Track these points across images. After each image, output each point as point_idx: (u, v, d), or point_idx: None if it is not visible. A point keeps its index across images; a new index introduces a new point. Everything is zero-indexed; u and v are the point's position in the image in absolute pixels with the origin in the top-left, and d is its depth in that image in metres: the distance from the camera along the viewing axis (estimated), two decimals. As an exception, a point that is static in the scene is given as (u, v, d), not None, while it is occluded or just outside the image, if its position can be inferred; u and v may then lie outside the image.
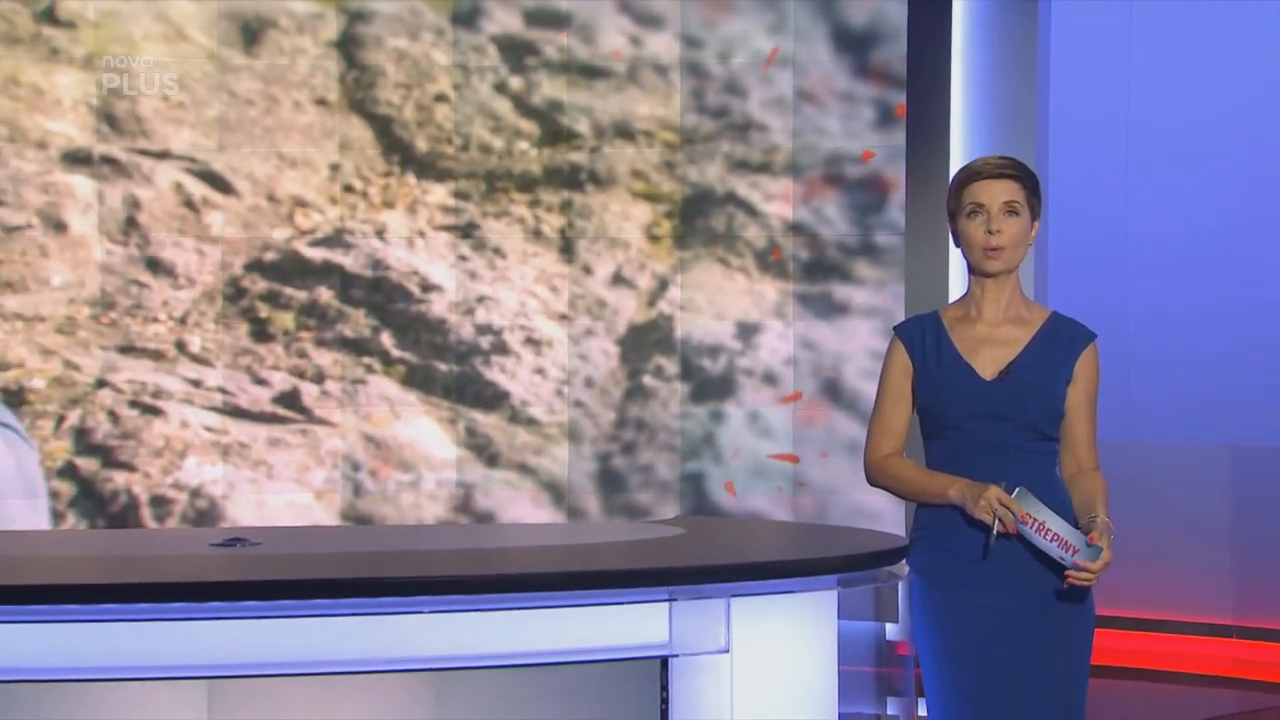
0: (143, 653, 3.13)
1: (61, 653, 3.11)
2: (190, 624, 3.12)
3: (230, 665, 3.16)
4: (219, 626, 3.12)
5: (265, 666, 3.17)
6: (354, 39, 6.29)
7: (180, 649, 3.14)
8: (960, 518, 3.43)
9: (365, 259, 6.28)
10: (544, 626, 3.19)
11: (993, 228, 3.45)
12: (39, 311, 6.13)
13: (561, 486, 6.30)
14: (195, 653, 3.14)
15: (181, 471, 6.16)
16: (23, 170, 6.10)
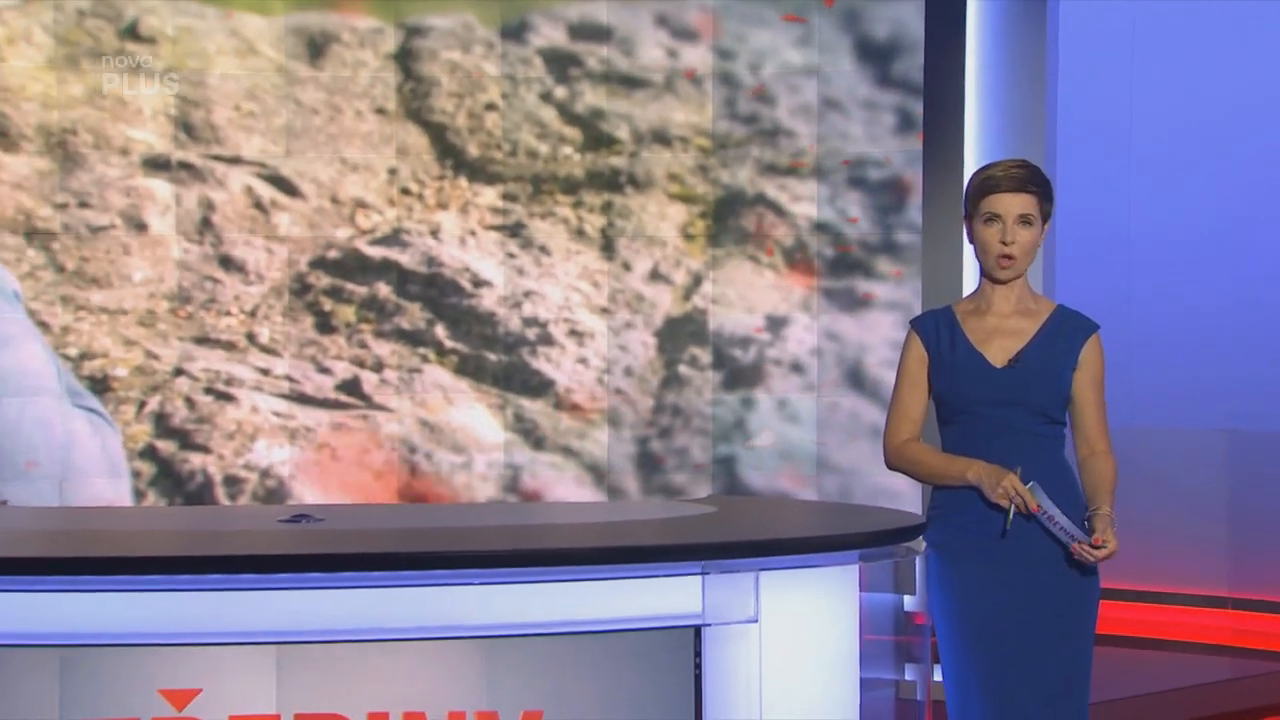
0: (217, 619, 3.15)
1: (144, 619, 3.13)
2: (260, 593, 3.14)
3: (297, 631, 3.17)
4: (286, 596, 3.15)
5: (329, 633, 3.18)
6: (411, 52, 6.31)
7: (251, 616, 3.16)
8: (975, 497, 3.44)
9: (421, 256, 6.29)
10: (585, 597, 3.20)
11: (1007, 238, 3.46)
12: (122, 305, 6.16)
13: (602, 468, 6.31)
14: (265, 620, 3.16)
15: (252, 453, 6.19)
16: (107, 175, 6.14)
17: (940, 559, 3.50)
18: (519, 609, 3.19)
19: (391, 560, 3.14)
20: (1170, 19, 6.76)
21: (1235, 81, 6.69)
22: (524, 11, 6.33)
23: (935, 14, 6.22)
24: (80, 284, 6.14)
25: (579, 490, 6.29)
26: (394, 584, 3.16)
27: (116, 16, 6.17)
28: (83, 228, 6.14)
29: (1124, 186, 6.61)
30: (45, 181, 6.12)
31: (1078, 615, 3.49)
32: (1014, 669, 3.43)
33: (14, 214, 6.09)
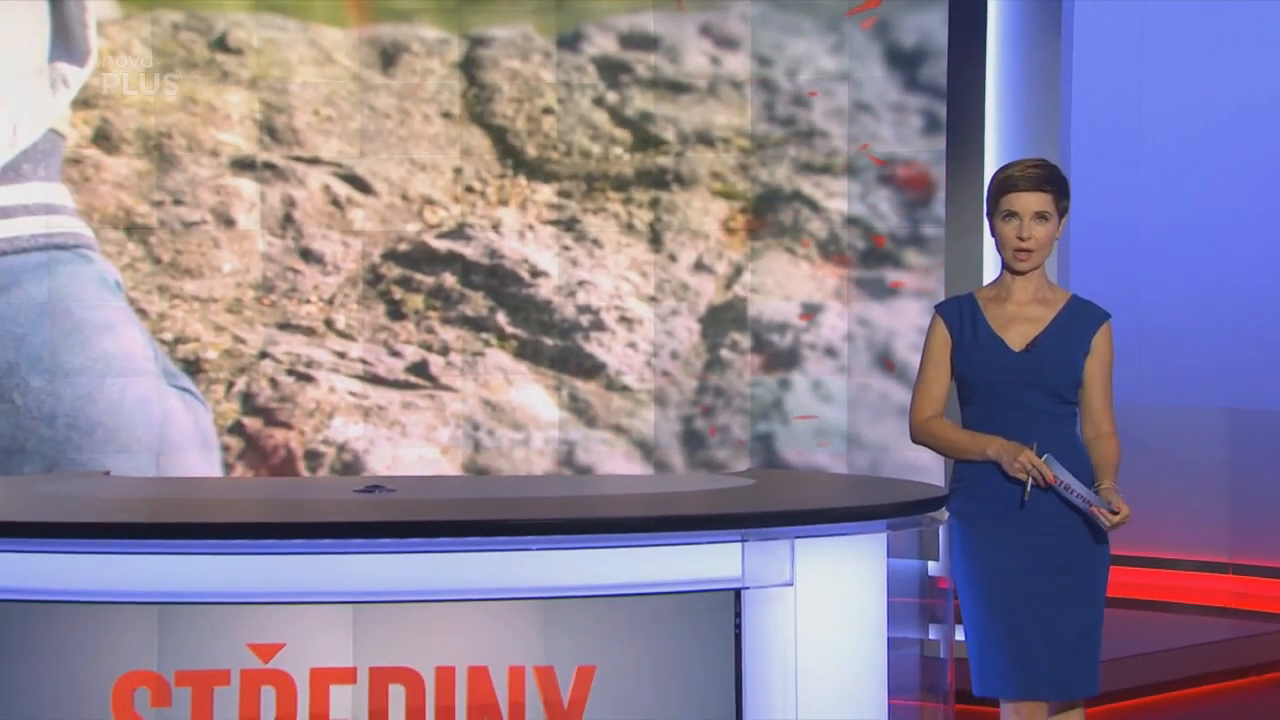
0: (299, 581, 3.18)
1: (233, 579, 3.16)
2: (338, 557, 3.16)
3: (371, 592, 3.19)
4: (362, 560, 3.17)
5: (400, 594, 3.20)
6: (474, 61, 6.33)
7: (330, 578, 3.18)
8: (995, 470, 3.44)
9: (483, 249, 6.31)
10: (634, 562, 3.20)
11: (1024, 234, 3.46)
12: (212, 294, 6.21)
13: (650, 444, 6.32)
14: (342, 581, 3.18)
15: (330, 430, 6.23)
16: (199, 175, 6.18)
17: (962, 527, 3.51)
18: (574, 572, 3.19)
19: (457, 527, 3.15)
20: (1176, 26, 6.74)
21: (1235, 87, 6.67)
22: (578, 22, 6.34)
23: (958, 23, 6.20)
24: (175, 275, 6.19)
25: (628, 464, 6.30)
26: (459, 549, 3.17)
27: (207, 30, 6.21)
28: (177, 223, 6.18)
29: (1132, 183, 6.59)
30: (143, 181, 6.17)
31: (1090, 579, 3.49)
32: (1031, 629, 3.43)
33: (115, 211, 6.14)
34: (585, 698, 3.17)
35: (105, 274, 6.11)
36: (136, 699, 3.13)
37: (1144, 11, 6.75)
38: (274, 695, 3.16)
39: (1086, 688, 3.50)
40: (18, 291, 5.95)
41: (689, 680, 3.18)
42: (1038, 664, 3.43)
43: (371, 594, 3.19)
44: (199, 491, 4.20)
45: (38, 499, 3.64)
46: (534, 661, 3.18)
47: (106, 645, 3.14)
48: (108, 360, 6.09)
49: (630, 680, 3.18)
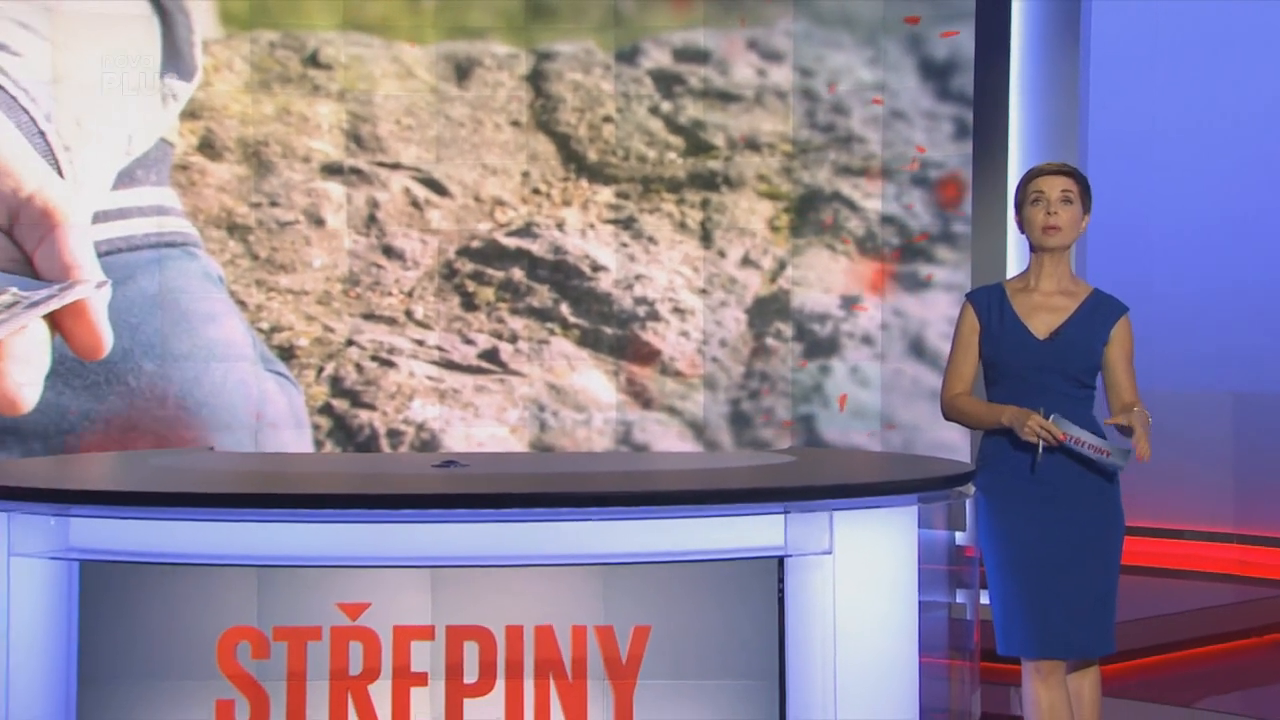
0: (382, 546, 3.20)
1: (324, 545, 3.19)
2: (417, 525, 3.18)
3: (447, 557, 3.21)
4: (439, 528, 3.19)
5: (474, 559, 3.22)
6: (541, 73, 6.34)
7: (410, 544, 3.20)
8: (1018, 444, 3.44)
9: (548, 246, 6.33)
10: (686, 532, 3.21)
11: (1051, 210, 3.46)
12: (304, 287, 6.26)
13: (700, 424, 6.33)
14: (421, 547, 3.20)
15: (410, 410, 6.27)
16: (292, 179, 6.23)
17: (987, 501, 3.51)
18: (631, 540, 3.20)
19: (525, 499, 3.16)
20: (1186, 38, 6.72)
21: (1238, 95, 6.65)
22: (636, 38, 6.34)
23: (983, 38, 6.18)
24: (271, 270, 6.24)
25: (680, 443, 6.31)
26: (527, 519, 3.18)
27: (300, 47, 6.25)
28: (273, 223, 6.24)
29: (1145, 185, 6.57)
30: (243, 185, 6.22)
31: (1106, 547, 3.48)
32: (1051, 593, 3.43)
33: (218, 212, 6.20)
34: (641, 654, 3.18)
35: (209, 269, 6.17)
36: (239, 651, 3.17)
37: (1156, 26, 6.71)
38: (361, 650, 3.19)
39: (1103, 647, 3.50)
40: (132, 285, 6.01)
41: (736, 639, 3.19)
42: (1057, 625, 3.43)
43: (448, 559, 3.21)
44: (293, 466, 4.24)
45: (151, 472, 3.69)
46: (595, 621, 3.19)
47: (212, 603, 3.18)
48: (211, 347, 6.14)
49: (682, 639, 3.19)
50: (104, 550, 3.19)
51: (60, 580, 3.19)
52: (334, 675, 3.18)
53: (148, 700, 3.18)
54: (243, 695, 3.16)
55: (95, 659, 3.19)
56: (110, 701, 3.18)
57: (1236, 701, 4.74)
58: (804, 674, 3.19)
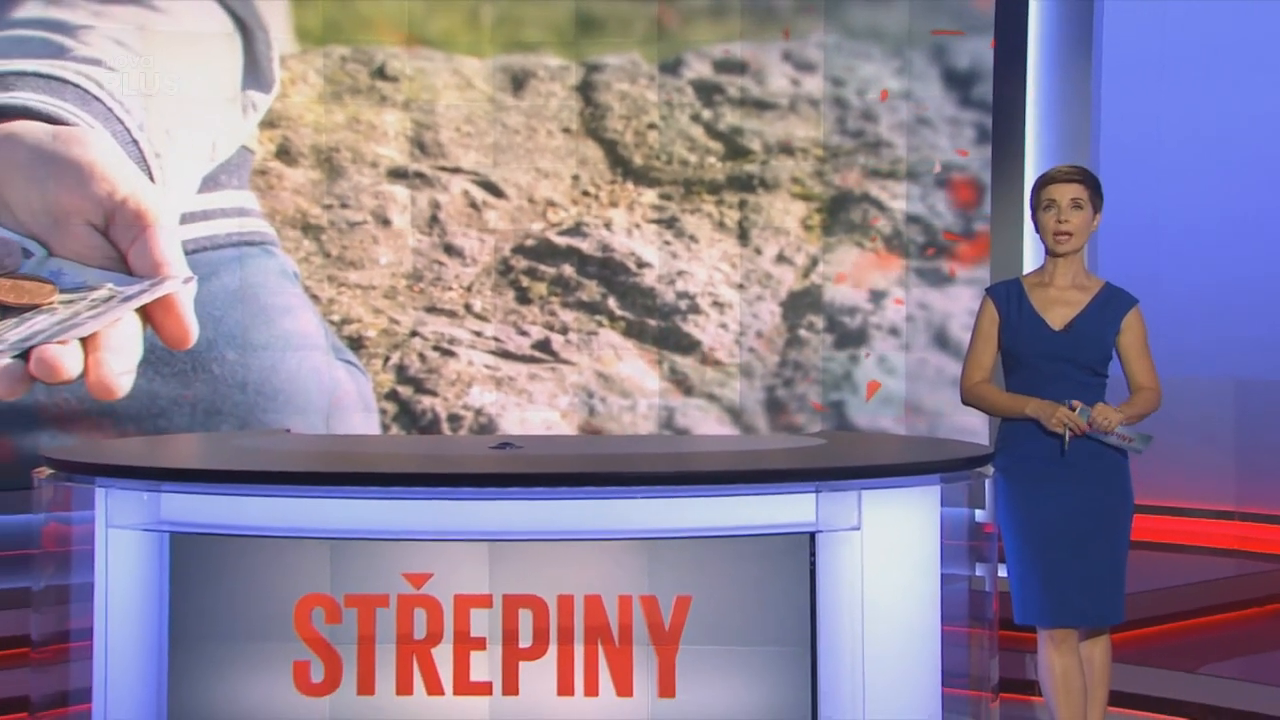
0: (444, 521, 3.21)
1: (390, 519, 3.20)
2: (476, 502, 3.18)
3: (504, 531, 3.21)
4: (496, 505, 3.19)
5: (528, 533, 3.22)
6: (590, 84, 6.36)
7: (469, 519, 3.21)
8: (1034, 431, 3.44)
9: (597, 244, 6.35)
10: (724, 508, 3.20)
11: (1061, 218, 3.45)
12: (371, 282, 6.30)
13: (737, 410, 6.34)
14: (480, 522, 3.20)
15: (469, 396, 6.30)
16: (361, 183, 6.27)
17: (1005, 480, 3.51)
18: (674, 516, 3.19)
19: (576, 478, 3.15)
20: (1192, 51, 6.70)
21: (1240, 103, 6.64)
22: (678, 51, 6.35)
23: (1002, 49, 6.17)
24: (341, 266, 6.29)
25: (719, 427, 6.32)
26: (577, 496, 3.17)
27: (369, 61, 6.29)
28: (343, 223, 6.28)
29: (1153, 185, 6.56)
30: (316, 188, 6.26)
31: (1116, 524, 3.48)
32: (1065, 567, 3.42)
33: (293, 213, 6.25)
34: (683, 622, 3.18)
35: (285, 266, 6.22)
36: (314, 616, 3.18)
37: (1163, 39, 6.68)
38: (424, 616, 3.19)
39: (1113, 616, 3.50)
40: (215, 280, 6.06)
41: (770, 609, 3.19)
42: (1071, 596, 3.43)
43: (504, 533, 3.21)
44: (362, 447, 4.26)
45: (233, 452, 3.71)
46: (640, 591, 3.19)
47: (289, 572, 3.20)
48: (287, 338, 6.19)
49: (721, 608, 3.19)
50: (192, 523, 3.22)
51: (152, 551, 3.22)
52: (400, 639, 3.18)
53: (232, 661, 3.21)
54: (317, 657, 3.19)
55: (184, 623, 3.23)
56: (198, 661, 3.22)
57: (1236, 667, 4.71)
58: (833, 641, 3.19)
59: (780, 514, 3.21)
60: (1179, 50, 6.71)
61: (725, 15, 6.34)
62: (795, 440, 4.10)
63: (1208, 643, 5.12)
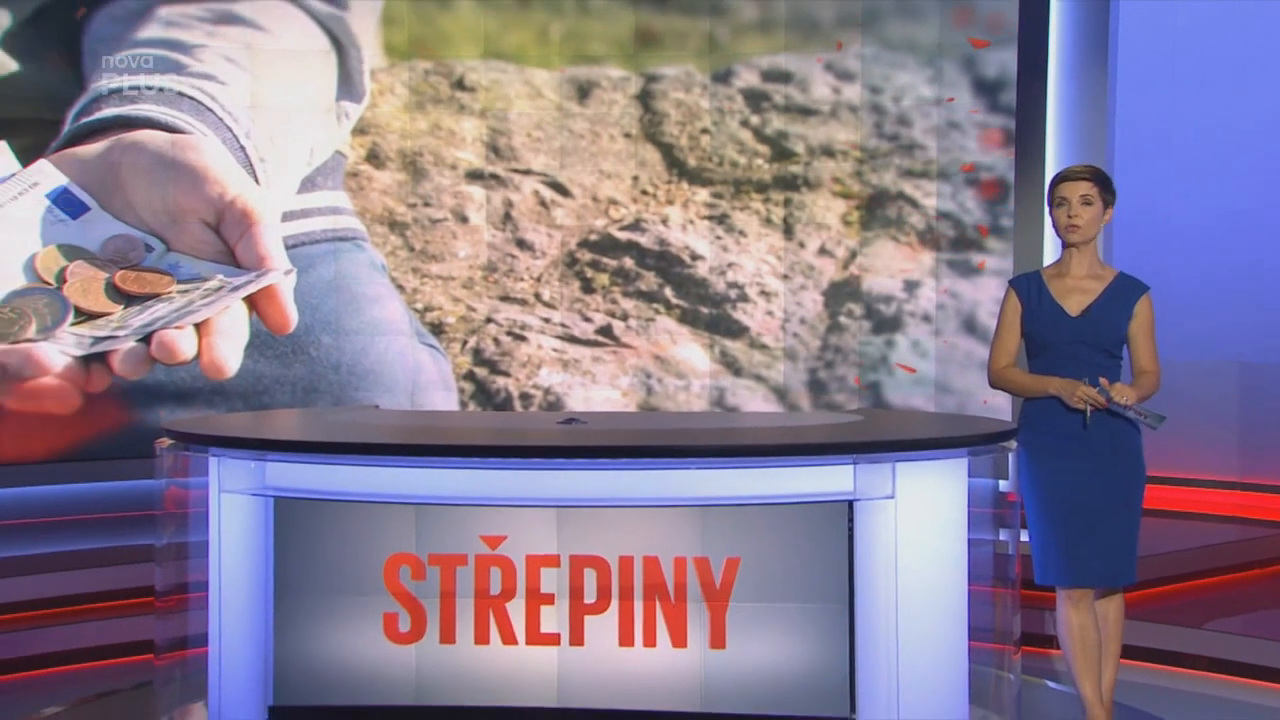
0: (517, 488, 3.21)
1: (468, 486, 3.21)
2: (545, 471, 3.19)
3: (571, 498, 3.21)
4: (563, 474, 3.19)
5: (592, 500, 3.22)
6: (649, 93, 6.36)
7: (540, 487, 3.21)
8: (1054, 408, 3.42)
9: (654, 238, 6.36)
10: (770, 479, 3.19)
11: (1071, 213, 3.43)
12: (451, 274, 6.35)
13: (782, 389, 6.33)
14: (549, 490, 3.21)
15: (538, 377, 6.34)
16: (441, 184, 6.31)
17: (1027, 454, 3.49)
18: (724, 485, 3.18)
19: (635, 451, 3.15)
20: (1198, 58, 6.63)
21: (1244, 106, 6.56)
22: (729, 62, 6.33)
23: (1025, 59, 6.12)
24: (424, 259, 6.34)
25: (765, 405, 6.32)
26: (637, 467, 3.17)
27: (449, 73, 6.33)
28: (426, 220, 6.33)
29: (1163, 183, 6.51)
30: (402, 189, 6.32)
31: (1130, 493, 3.45)
32: (1082, 532, 3.40)
33: (381, 211, 6.31)
34: (732, 581, 3.18)
35: (374, 259, 6.28)
36: (401, 573, 3.22)
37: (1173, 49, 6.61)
38: (500, 573, 3.21)
39: (1126, 577, 3.47)
40: (312, 272, 6.13)
41: (812, 569, 3.18)
42: (1087, 559, 3.41)
43: (571, 500, 3.21)
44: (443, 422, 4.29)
45: (329, 425, 3.73)
46: (693, 553, 3.19)
47: (379, 533, 3.22)
48: (376, 324, 6.26)
49: (767, 568, 3.19)
50: (293, 489, 3.25)
51: (259, 513, 3.27)
52: (478, 594, 3.21)
53: (329, 612, 3.26)
54: (404, 609, 3.23)
55: (287, 577, 3.27)
56: (299, 612, 3.27)
57: (1238, 623, 4.71)
58: (870, 599, 3.19)
59: (821, 484, 3.20)
60: (1187, 60, 6.66)
61: (772, 30, 6.32)
62: (835, 417, 4.09)
63: (1212, 601, 5.09)
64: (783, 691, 3.16)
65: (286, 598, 3.26)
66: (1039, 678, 4.34)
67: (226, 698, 3.32)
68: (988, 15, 6.16)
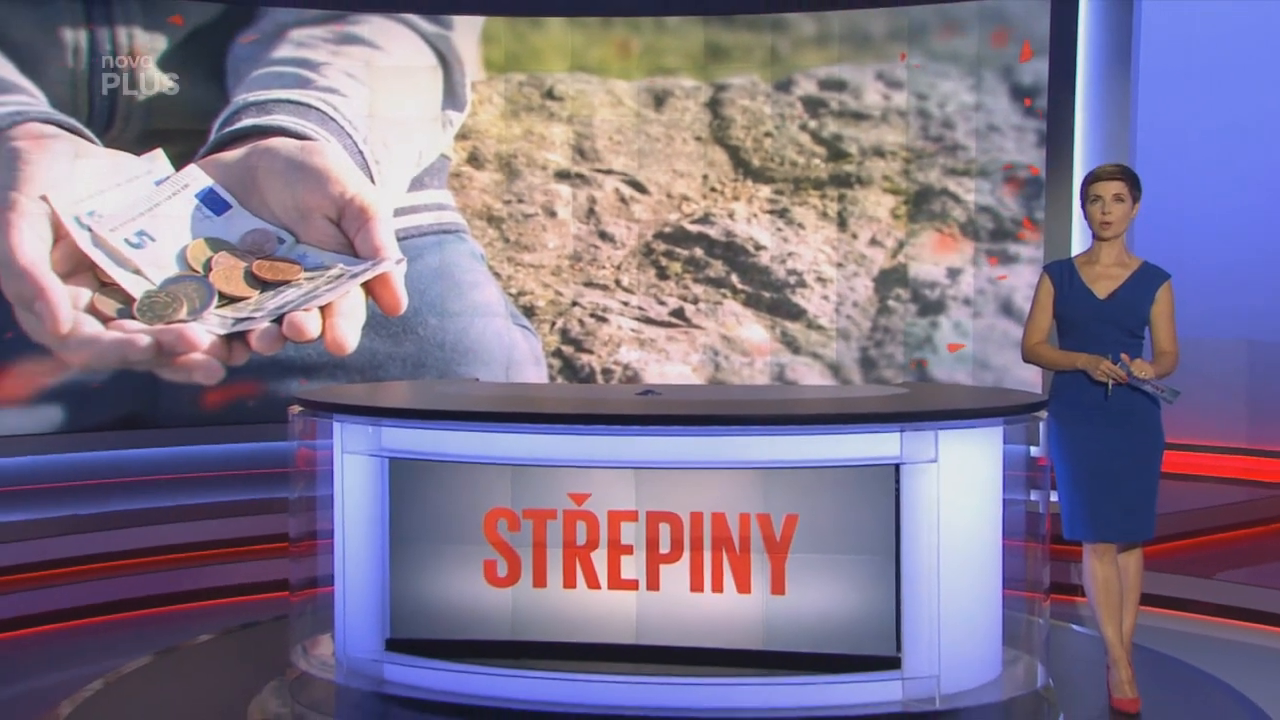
0: (600, 451, 3.21)
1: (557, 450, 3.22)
2: (625, 437, 3.18)
3: (648, 461, 3.20)
4: (641, 439, 3.18)
5: (667, 462, 3.20)
6: (718, 100, 6.34)
7: (620, 451, 3.20)
8: (1080, 383, 3.37)
9: (722, 230, 6.34)
10: (825, 444, 3.17)
11: (1105, 209, 3.36)
12: (541, 263, 6.39)
13: (837, 365, 6.30)
14: (629, 453, 3.20)
15: (618, 354, 6.37)
16: (533, 183, 6.35)
17: (1057, 423, 3.45)
18: (784, 450, 3.16)
19: (705, 419, 3.15)
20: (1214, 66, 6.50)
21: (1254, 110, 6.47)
22: (789, 73, 6.29)
23: (1055, 69, 6.02)
24: (517, 250, 6.39)
25: (821, 379, 6.29)
26: (707, 434, 3.16)
27: (540, 85, 6.36)
28: (519, 215, 6.37)
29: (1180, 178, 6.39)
30: (499, 187, 6.36)
31: (1149, 457, 3.40)
32: (1106, 493, 3.36)
33: (480, 207, 6.36)
34: (791, 535, 3.16)
35: (474, 250, 6.34)
36: (499, 525, 3.23)
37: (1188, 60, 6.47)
38: (585, 527, 3.21)
39: (1145, 533, 3.42)
40: (420, 261, 6.21)
41: (863, 525, 3.16)
42: (1111, 517, 3.36)
43: (648, 462, 3.20)
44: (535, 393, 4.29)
45: (436, 395, 3.75)
46: (756, 510, 3.17)
47: (479, 490, 3.24)
48: (476, 307, 6.32)
49: (822, 524, 3.17)
50: (405, 451, 3.27)
51: (376, 471, 3.29)
52: (566, 545, 3.22)
53: (436, 558, 3.30)
54: (502, 557, 3.25)
55: (400, 528, 3.31)
56: (411, 558, 3.31)
57: (1244, 574, 4.68)
58: (914, 551, 3.16)
59: (871, 449, 3.17)
60: (1201, 68, 6.54)
61: (828, 43, 6.26)
62: (883, 390, 4.06)
63: (1221, 555, 5.06)
64: (835, 632, 3.15)
65: (400, 545, 3.30)
66: (1066, 622, 4.30)
67: (350, 630, 3.38)
68: (1022, 29, 6.06)
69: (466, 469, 3.25)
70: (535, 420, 3.18)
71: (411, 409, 3.34)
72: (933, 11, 6.16)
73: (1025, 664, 3.38)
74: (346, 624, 3.38)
